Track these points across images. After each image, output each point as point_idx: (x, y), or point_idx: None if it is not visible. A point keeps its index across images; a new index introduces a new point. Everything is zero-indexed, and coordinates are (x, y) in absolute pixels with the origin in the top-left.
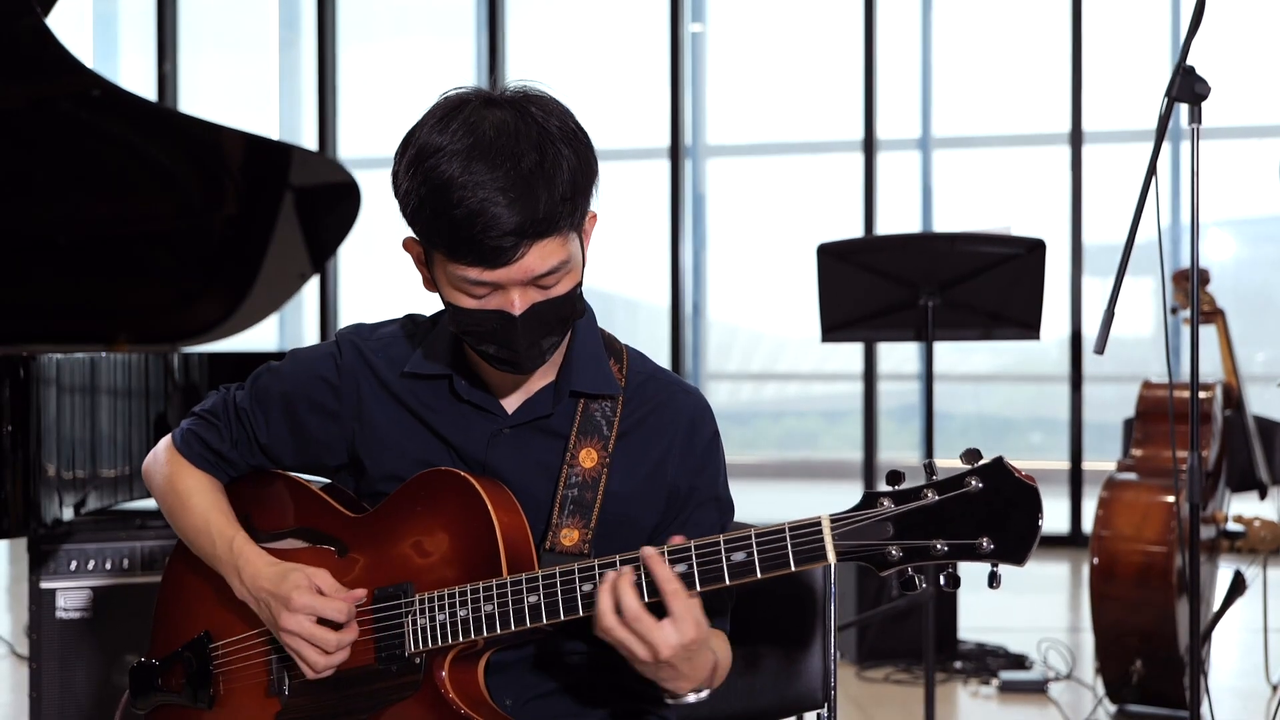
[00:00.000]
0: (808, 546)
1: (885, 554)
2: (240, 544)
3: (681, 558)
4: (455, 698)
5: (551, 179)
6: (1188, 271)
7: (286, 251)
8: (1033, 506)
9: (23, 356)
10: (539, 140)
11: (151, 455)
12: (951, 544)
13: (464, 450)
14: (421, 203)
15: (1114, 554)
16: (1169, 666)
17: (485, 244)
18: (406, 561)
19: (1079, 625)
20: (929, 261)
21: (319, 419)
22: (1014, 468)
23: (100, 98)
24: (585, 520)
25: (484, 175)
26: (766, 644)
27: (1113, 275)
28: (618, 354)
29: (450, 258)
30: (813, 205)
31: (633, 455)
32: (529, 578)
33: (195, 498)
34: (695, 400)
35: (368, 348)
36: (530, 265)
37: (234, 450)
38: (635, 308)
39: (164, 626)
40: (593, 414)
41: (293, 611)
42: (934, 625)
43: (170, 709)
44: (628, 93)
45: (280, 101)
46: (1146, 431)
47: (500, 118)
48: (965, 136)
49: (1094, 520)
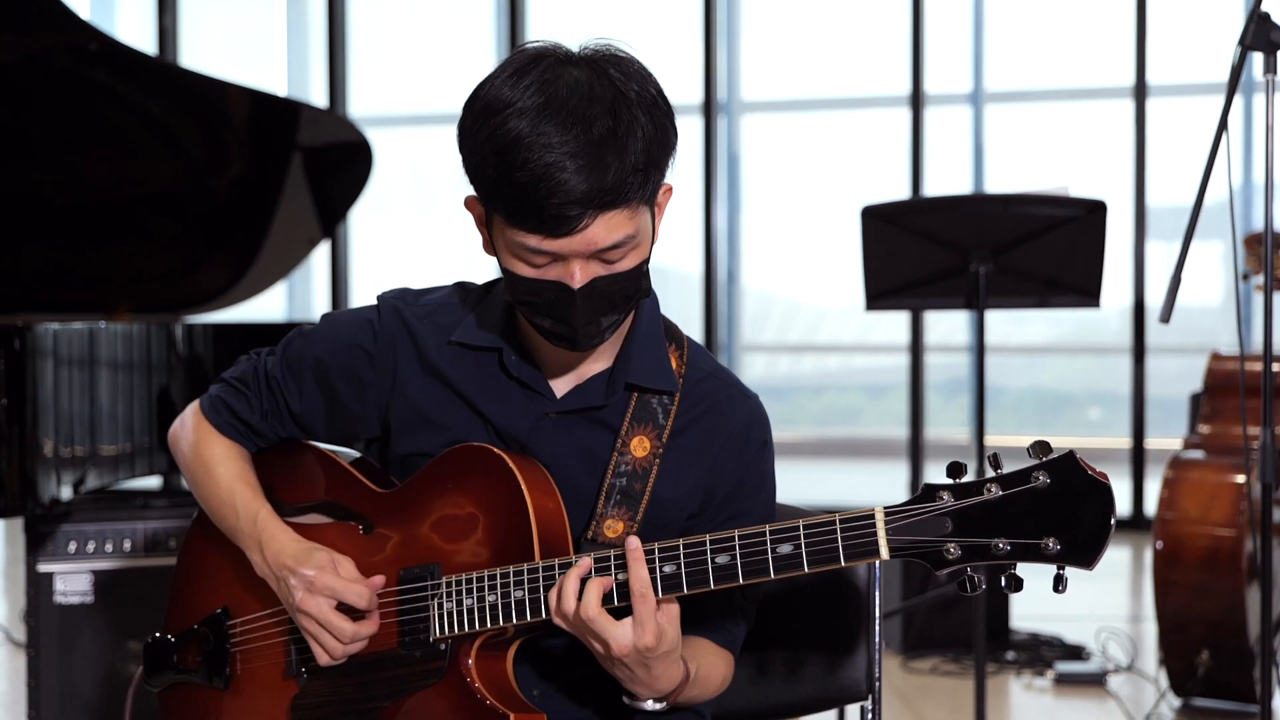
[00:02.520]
0: (859, 541)
1: (943, 552)
2: (265, 518)
3: (725, 548)
4: (481, 687)
5: (624, 147)
6: (1261, 235)
7: (295, 215)
8: (1105, 506)
9: (17, 327)
10: (614, 104)
11: (179, 421)
12: (1014, 543)
13: (505, 429)
14: (485, 161)
15: (1179, 537)
16: (1237, 658)
17: (548, 211)
18: (435, 541)
19: (1141, 614)
20: (981, 224)
21: (353, 387)
22: (1086, 464)
23: (97, 52)
24: (632, 512)
25: (553, 137)
26: (807, 633)
27: (1179, 239)
28: (679, 344)
29: (510, 222)
30: (856, 165)
31: (683, 456)
32: (563, 563)
33: (221, 468)
34: (752, 407)
35: (411, 314)
36: (594, 237)
37: (264, 421)
38: (665, 275)
39: (180, 600)
40: (648, 402)
41: (313, 593)
42: (985, 613)
43: (185, 688)
44: (657, 44)
45: (288, 56)
46: (1215, 407)
47: (576, 77)
48: (1020, 90)
49: (1158, 502)
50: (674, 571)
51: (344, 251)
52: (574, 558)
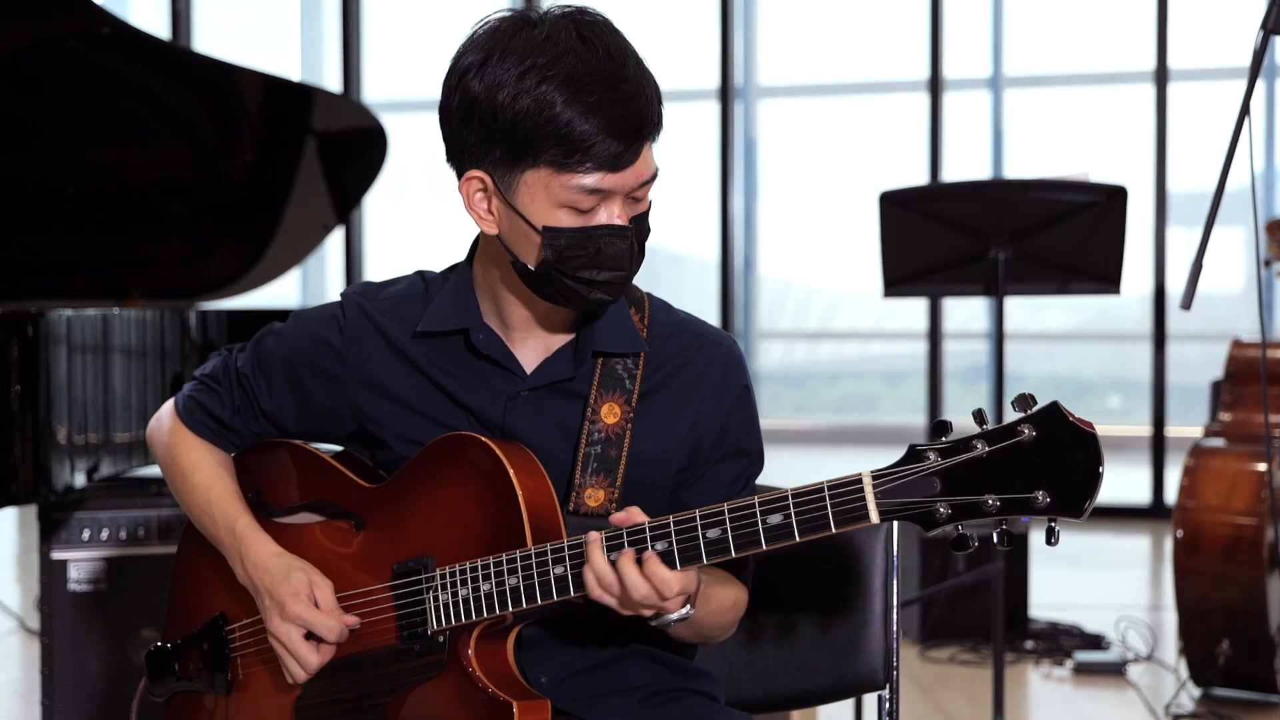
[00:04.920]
0: (848, 506)
1: (933, 512)
2: (243, 527)
3: (715, 522)
4: (482, 676)
5: (651, 80)
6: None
7: (308, 201)
8: (1091, 454)
9: (31, 313)
10: (623, 45)
11: (155, 419)
12: (1004, 499)
13: (481, 413)
14: (535, 105)
15: (1199, 526)
16: (1258, 647)
17: (610, 144)
18: (426, 533)
19: (1160, 603)
20: (1000, 210)
21: (323, 384)
22: (1069, 413)
23: (109, 36)
24: (610, 479)
25: (600, 74)
26: (823, 621)
27: (1200, 225)
28: (639, 303)
29: (565, 166)
30: (874, 150)
31: (662, 414)
32: (554, 547)
33: (198, 474)
34: (726, 351)
35: (374, 308)
36: (642, 169)
37: (237, 417)
38: (681, 262)
39: (178, 608)
40: (614, 367)
41: (285, 620)
42: (1003, 602)
43: (188, 695)
44: (674, 29)
45: (302, 40)
46: (1236, 394)
47: (588, 23)
48: (1040, 75)
49: (1178, 490)
50: (666, 549)
51: (358, 238)
52: (582, 538)
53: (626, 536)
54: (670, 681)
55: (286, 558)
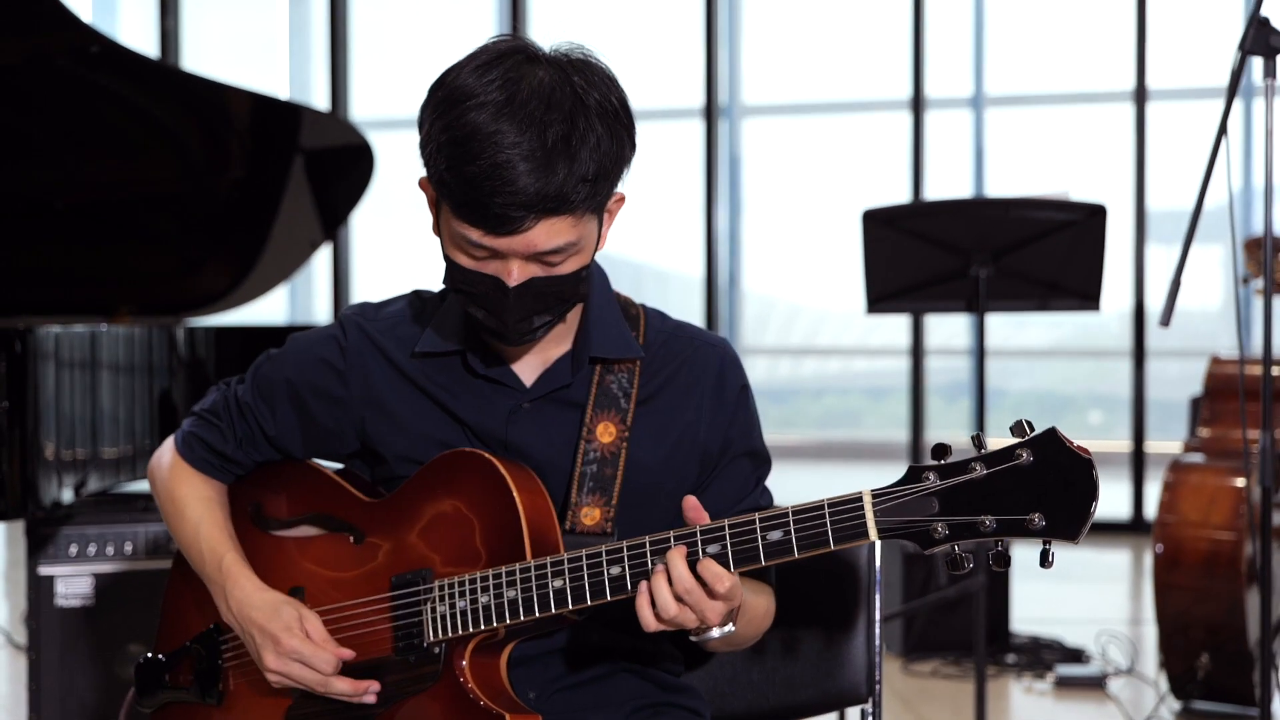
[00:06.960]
0: (848, 524)
1: (930, 531)
2: (230, 564)
3: (715, 538)
4: (475, 688)
5: (576, 155)
6: (1260, 239)
7: (296, 217)
8: (1088, 480)
9: (19, 329)
10: (572, 111)
11: (156, 455)
12: (1000, 520)
13: (482, 430)
14: (440, 148)
15: (1179, 541)
16: (1237, 661)
17: (492, 209)
18: (426, 547)
19: (1141, 617)
20: (981, 228)
21: (325, 405)
22: (1067, 439)
23: (99, 54)
24: (606, 498)
25: (508, 137)
26: (807, 635)
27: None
28: (634, 319)
29: (455, 213)
30: (857, 169)
31: (659, 421)
32: (554, 561)
33: (190, 508)
34: (721, 352)
35: (374, 329)
36: (535, 240)
37: (239, 450)
38: (666, 278)
39: (171, 619)
40: (609, 386)
41: (280, 655)
42: (985, 616)
43: (178, 707)
44: (658, 47)
45: (290, 58)
46: (1215, 410)
47: (540, 79)
48: (1020, 94)
49: (1158, 505)
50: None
51: (346, 254)
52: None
53: (626, 550)
54: (656, 697)
55: (271, 593)
